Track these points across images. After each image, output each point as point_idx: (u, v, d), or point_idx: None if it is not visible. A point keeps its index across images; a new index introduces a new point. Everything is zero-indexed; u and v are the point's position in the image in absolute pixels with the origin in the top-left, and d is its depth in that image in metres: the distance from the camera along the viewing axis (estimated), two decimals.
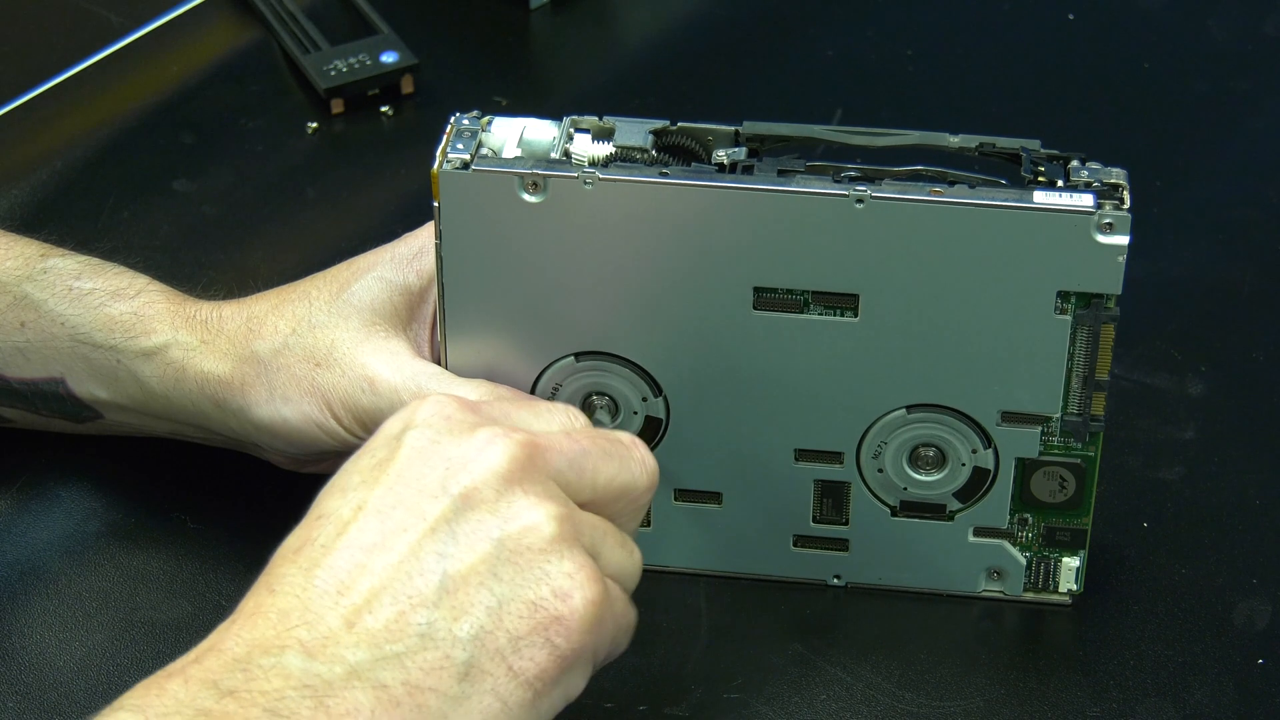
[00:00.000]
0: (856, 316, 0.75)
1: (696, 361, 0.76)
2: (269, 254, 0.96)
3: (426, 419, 0.68)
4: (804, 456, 0.78)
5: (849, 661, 0.78)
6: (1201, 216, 0.99)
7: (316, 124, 1.04)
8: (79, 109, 1.05)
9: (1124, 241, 0.72)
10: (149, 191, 1.00)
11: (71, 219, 0.97)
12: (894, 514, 0.79)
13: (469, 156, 0.74)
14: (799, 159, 0.74)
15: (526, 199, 0.74)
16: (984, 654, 0.78)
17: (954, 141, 0.76)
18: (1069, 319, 0.74)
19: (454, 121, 0.76)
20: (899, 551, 0.80)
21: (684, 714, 0.76)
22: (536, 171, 0.73)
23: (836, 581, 0.81)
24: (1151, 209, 0.96)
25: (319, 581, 0.64)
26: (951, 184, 0.73)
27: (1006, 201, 0.72)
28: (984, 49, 1.09)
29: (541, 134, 0.76)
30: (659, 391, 0.77)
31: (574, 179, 0.73)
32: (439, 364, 0.78)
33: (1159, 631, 0.79)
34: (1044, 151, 0.75)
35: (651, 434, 0.78)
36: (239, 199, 1.00)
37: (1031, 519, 0.79)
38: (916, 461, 0.78)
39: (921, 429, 0.77)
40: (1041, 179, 0.74)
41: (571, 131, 0.76)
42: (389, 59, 1.05)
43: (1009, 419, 0.76)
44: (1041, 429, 0.76)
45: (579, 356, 0.77)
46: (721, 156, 0.75)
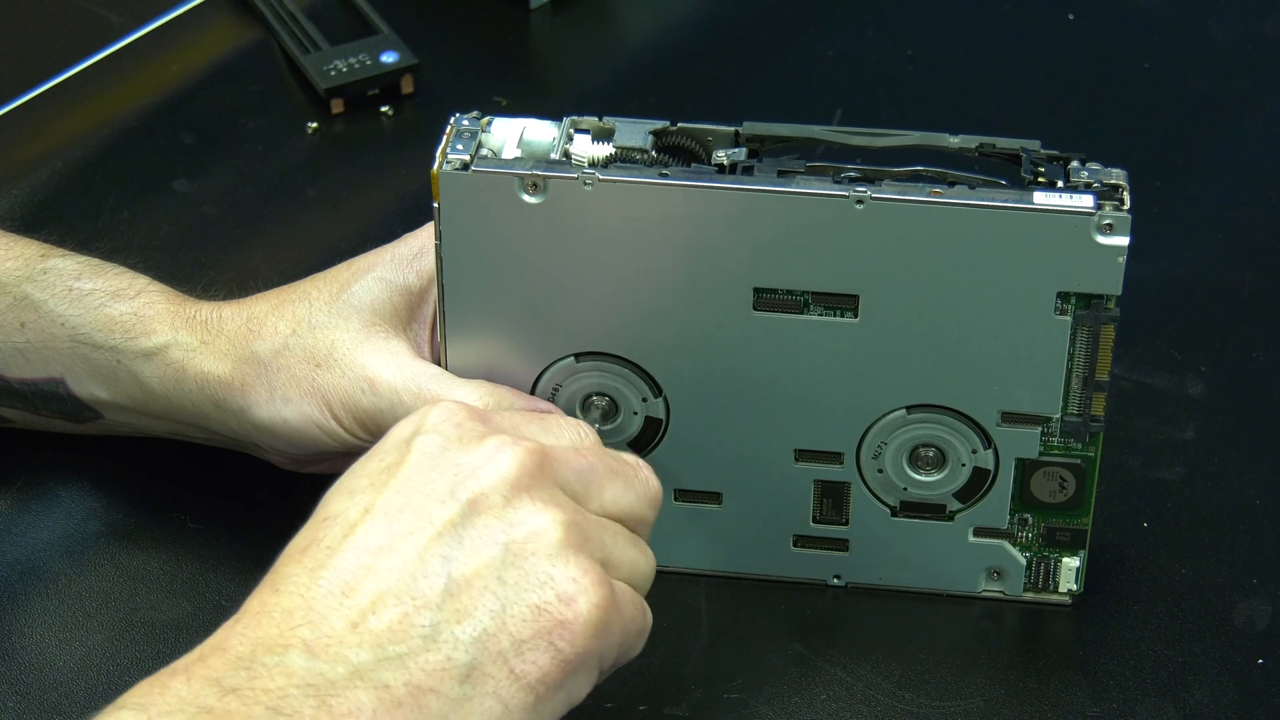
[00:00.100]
0: (856, 317, 0.75)
1: (696, 362, 0.76)
2: (269, 254, 0.96)
3: (436, 425, 0.69)
4: (804, 457, 0.78)
5: (849, 661, 0.78)
6: (1201, 216, 0.98)
7: (316, 124, 1.04)
8: (79, 109, 1.05)
9: (1124, 242, 0.72)
10: (149, 191, 1.00)
11: (71, 219, 0.97)
12: (894, 514, 0.79)
13: (469, 157, 0.74)
14: (799, 159, 0.74)
15: (526, 200, 0.74)
16: (984, 654, 0.78)
17: (954, 142, 0.76)
18: (1069, 319, 0.74)
19: (454, 122, 0.76)
20: (899, 551, 0.80)
21: (684, 714, 0.76)
22: (536, 172, 0.73)
23: (836, 581, 0.81)
24: (1151, 209, 0.96)
25: (324, 582, 0.64)
26: (951, 184, 0.73)
27: (1006, 202, 0.72)
28: (984, 49, 1.09)
29: (541, 134, 0.76)
30: (659, 392, 0.77)
31: (574, 180, 0.73)
32: (439, 364, 0.78)
33: (1159, 631, 0.79)
34: (1044, 152, 0.75)
35: (651, 434, 0.78)
36: (239, 199, 1.00)
37: (1031, 519, 0.79)
38: (916, 462, 0.78)
39: (921, 429, 0.77)
40: (1041, 179, 0.74)
41: (571, 132, 0.76)
42: (389, 59, 1.05)
43: (1009, 419, 0.76)
44: (1041, 429, 0.76)
45: (579, 357, 0.77)
46: (721, 157, 0.75)
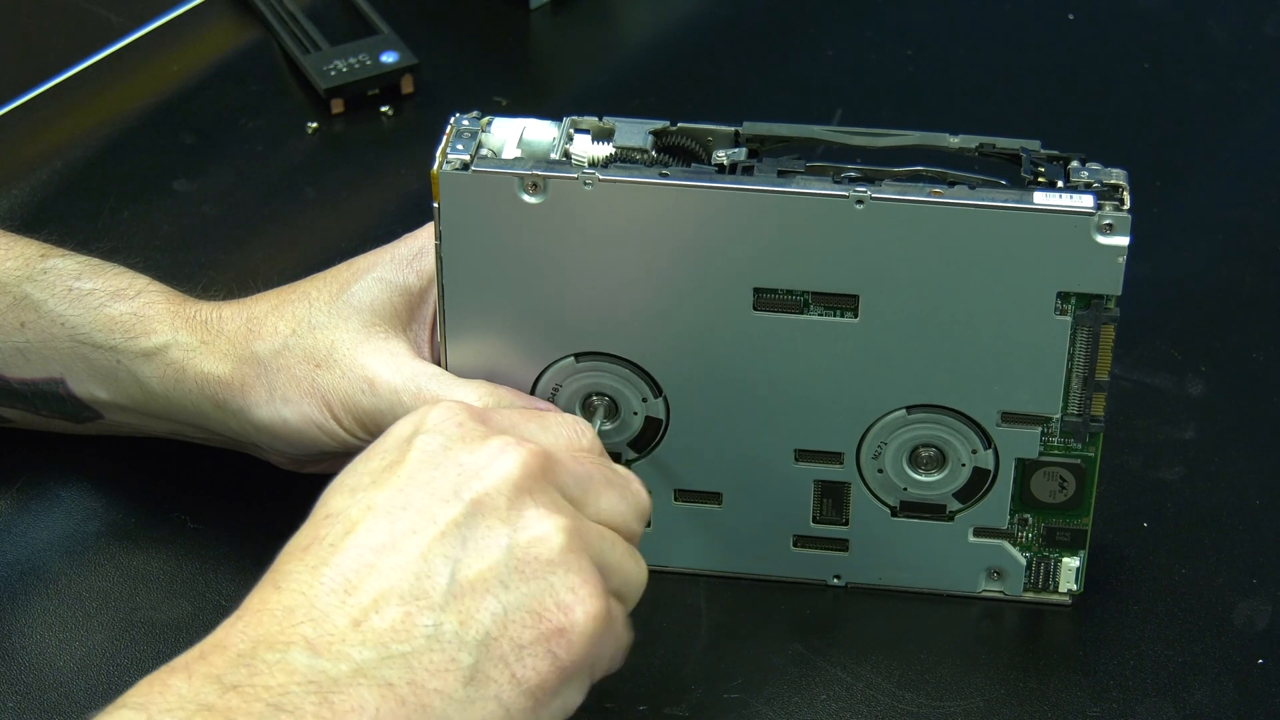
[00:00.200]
0: (856, 317, 0.75)
1: (696, 362, 0.76)
2: (269, 254, 0.96)
3: (437, 424, 0.68)
4: (804, 457, 0.78)
5: (849, 661, 0.78)
6: (1201, 216, 0.98)
7: (316, 124, 1.04)
8: (79, 109, 1.05)
9: (1124, 242, 0.72)
10: (149, 191, 1.00)
11: (71, 219, 0.97)
12: (894, 514, 0.79)
13: (469, 157, 0.74)
14: (799, 160, 0.74)
15: (526, 200, 0.74)
16: (984, 654, 0.78)
17: (954, 142, 0.76)
18: (1069, 319, 0.74)
19: (454, 122, 0.76)
20: (899, 551, 0.80)
21: (684, 714, 0.76)
22: (536, 172, 0.73)
23: (836, 581, 0.81)
24: (1151, 209, 0.96)
25: (325, 580, 0.64)
26: (951, 184, 0.73)
27: (1006, 202, 0.72)
28: (984, 49, 1.09)
29: (541, 134, 0.76)
30: (659, 392, 0.77)
31: (574, 180, 0.73)
32: (439, 364, 0.78)
33: (1159, 631, 0.79)
34: (1044, 152, 0.75)
35: (651, 434, 0.78)
36: (239, 199, 1.00)
37: (1031, 519, 0.79)
38: (916, 462, 0.78)
39: (921, 429, 0.77)
40: (1041, 179, 0.74)
41: (571, 132, 0.76)
42: (389, 59, 1.05)
43: (1009, 419, 0.76)
44: (1041, 429, 0.76)
45: (579, 357, 0.77)
46: (721, 157, 0.75)
